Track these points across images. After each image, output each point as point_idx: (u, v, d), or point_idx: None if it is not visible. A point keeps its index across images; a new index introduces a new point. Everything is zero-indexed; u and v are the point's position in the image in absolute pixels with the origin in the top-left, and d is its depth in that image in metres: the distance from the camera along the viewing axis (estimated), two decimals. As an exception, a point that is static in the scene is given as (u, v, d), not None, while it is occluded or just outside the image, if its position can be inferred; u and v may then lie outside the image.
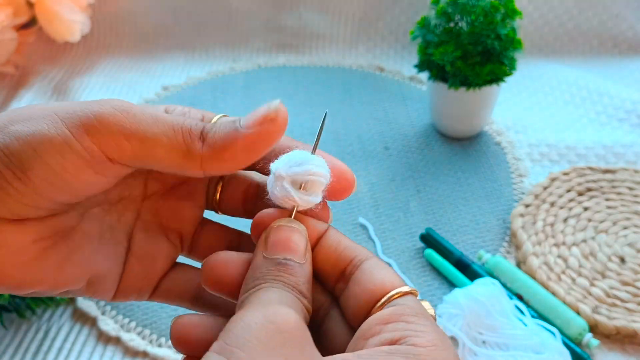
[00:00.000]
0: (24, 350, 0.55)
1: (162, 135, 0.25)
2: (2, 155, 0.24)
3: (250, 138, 0.26)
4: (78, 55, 0.99)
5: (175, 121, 0.26)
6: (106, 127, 0.25)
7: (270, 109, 0.26)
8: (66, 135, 0.24)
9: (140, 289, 0.30)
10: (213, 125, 0.26)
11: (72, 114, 0.25)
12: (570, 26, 0.97)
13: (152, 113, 0.26)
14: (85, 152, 0.24)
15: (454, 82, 0.70)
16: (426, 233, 0.64)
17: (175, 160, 0.26)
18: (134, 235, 0.30)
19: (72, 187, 0.25)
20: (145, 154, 0.25)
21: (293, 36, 1.02)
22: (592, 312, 0.56)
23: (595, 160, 0.75)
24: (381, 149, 0.78)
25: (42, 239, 0.26)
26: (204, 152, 0.26)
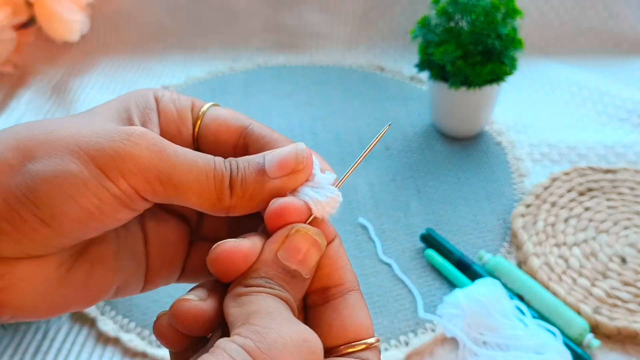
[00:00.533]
0: (23, 350, 0.55)
1: (195, 183, 0.25)
2: (26, 201, 0.23)
3: (279, 186, 0.26)
4: (77, 55, 0.99)
5: (208, 165, 0.26)
6: (142, 171, 0.24)
7: (299, 157, 0.27)
8: (101, 178, 0.23)
9: (167, 276, 0.30)
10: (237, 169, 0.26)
11: (101, 150, 0.24)
12: (571, 26, 0.97)
13: (185, 154, 0.25)
14: (123, 194, 0.24)
15: (455, 81, 0.70)
16: (426, 233, 0.64)
17: (204, 206, 0.26)
18: (147, 225, 0.30)
19: (105, 226, 0.25)
20: (177, 197, 0.25)
21: (293, 36, 1.01)
22: (593, 312, 0.56)
23: (596, 160, 0.75)
24: (381, 149, 0.77)
25: (64, 262, 0.25)
26: (233, 201, 0.26)
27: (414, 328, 0.57)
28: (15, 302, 0.24)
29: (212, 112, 0.30)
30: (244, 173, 0.26)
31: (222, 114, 0.30)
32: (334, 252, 0.27)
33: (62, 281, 0.25)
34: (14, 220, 0.22)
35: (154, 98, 0.29)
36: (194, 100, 0.30)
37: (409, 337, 0.56)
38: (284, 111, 0.86)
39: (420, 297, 0.59)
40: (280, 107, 0.87)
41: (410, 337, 0.56)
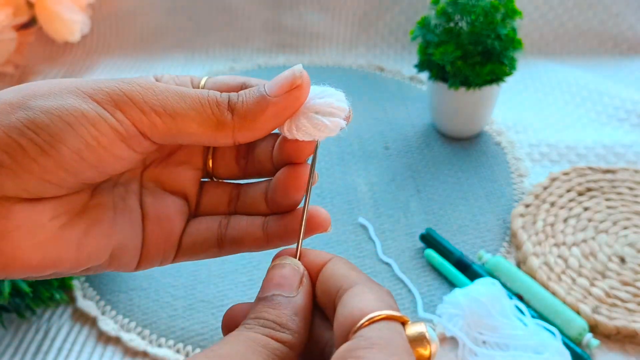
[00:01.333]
0: (24, 350, 0.55)
1: (191, 110, 0.26)
2: (26, 130, 0.23)
3: (279, 105, 0.27)
4: (78, 55, 0.99)
5: (200, 94, 0.26)
6: (137, 103, 0.25)
7: (296, 75, 0.27)
8: (99, 109, 0.24)
9: (163, 252, 0.30)
10: (238, 95, 0.27)
11: (98, 89, 0.25)
12: (571, 26, 0.97)
13: (175, 89, 0.26)
14: (121, 125, 0.24)
15: (454, 82, 0.70)
16: (426, 233, 0.64)
17: (207, 133, 0.26)
18: (144, 200, 0.30)
19: (102, 162, 0.25)
20: (177, 128, 0.26)
21: (293, 36, 1.02)
22: (592, 312, 0.56)
23: (595, 160, 0.75)
24: (381, 149, 0.78)
25: (58, 216, 0.25)
26: (235, 122, 0.26)
27: (413, 328, 0.57)
28: (10, 250, 0.24)
29: (211, 79, 0.32)
30: (244, 97, 0.27)
31: (221, 78, 0.32)
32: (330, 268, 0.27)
33: (55, 237, 0.25)
34: (13, 151, 0.23)
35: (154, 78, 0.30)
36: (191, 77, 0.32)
37: (408, 336, 0.56)
38: (284, 111, 0.86)
39: (420, 297, 0.59)
40: (281, 107, 0.87)
41: (410, 336, 0.56)
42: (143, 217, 0.30)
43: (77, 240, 0.26)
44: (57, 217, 0.25)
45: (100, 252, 0.27)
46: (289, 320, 0.25)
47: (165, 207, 0.30)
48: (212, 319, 0.57)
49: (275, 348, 0.23)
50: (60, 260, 0.26)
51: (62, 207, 0.26)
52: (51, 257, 0.25)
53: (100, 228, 0.27)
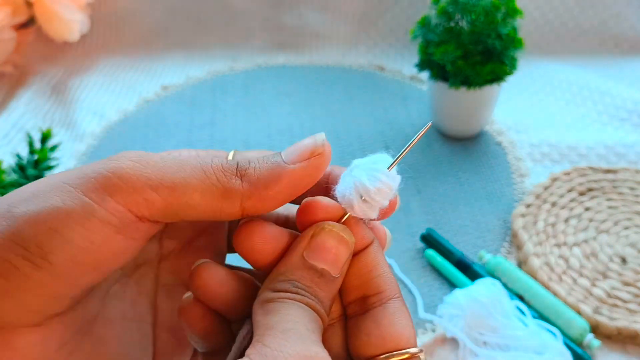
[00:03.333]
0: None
1: (193, 179, 0.23)
2: (14, 246, 0.21)
3: (297, 174, 0.24)
4: (77, 55, 0.99)
5: (203, 162, 0.24)
6: (128, 182, 0.22)
7: (317, 143, 0.25)
8: (84, 203, 0.21)
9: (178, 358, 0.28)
10: (249, 161, 0.24)
11: (84, 177, 0.22)
12: (571, 25, 0.96)
13: (174, 158, 0.23)
14: (112, 215, 0.22)
15: (455, 81, 0.70)
16: (427, 233, 0.64)
17: (212, 203, 0.23)
18: (158, 305, 0.28)
19: (100, 262, 0.22)
20: (177, 202, 0.22)
21: (293, 35, 1.01)
22: (593, 312, 0.56)
23: (596, 160, 0.75)
24: (381, 148, 0.77)
25: (66, 343, 0.24)
26: (244, 189, 0.23)
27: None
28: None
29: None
30: (257, 163, 0.24)
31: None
32: (371, 259, 0.25)
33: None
34: (5, 271, 0.21)
35: None
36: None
37: (409, 337, 0.56)
38: (284, 111, 0.86)
39: (421, 297, 0.59)
40: (280, 107, 0.87)
41: (411, 337, 0.56)
42: (154, 327, 0.28)
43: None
44: (65, 345, 0.23)
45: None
46: (327, 303, 0.24)
47: None
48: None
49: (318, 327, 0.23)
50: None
51: (69, 330, 0.24)
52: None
53: (106, 349, 0.25)
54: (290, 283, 0.23)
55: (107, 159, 0.23)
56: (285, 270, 0.24)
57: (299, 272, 0.24)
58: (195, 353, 0.28)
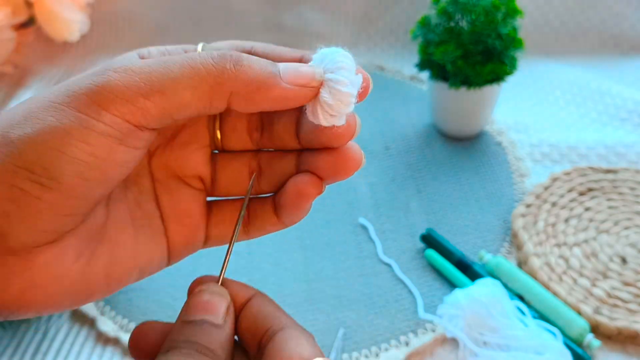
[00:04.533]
0: (23, 351, 0.55)
1: (182, 77, 0.22)
2: (19, 170, 0.21)
3: (288, 94, 0.24)
4: (77, 55, 0.99)
5: (189, 56, 0.23)
6: (119, 94, 0.22)
7: (316, 77, 0.25)
8: (81, 119, 0.21)
9: (192, 247, 0.29)
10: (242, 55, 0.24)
11: (73, 94, 0.22)
12: (572, 25, 0.96)
13: (157, 60, 0.23)
14: (111, 128, 0.22)
15: (455, 81, 0.70)
16: (427, 233, 0.64)
17: (203, 98, 0.23)
18: (160, 199, 0.28)
19: (107, 174, 0.23)
20: (170, 105, 0.22)
21: (293, 35, 1.01)
22: (593, 312, 0.56)
23: (596, 160, 0.75)
24: (381, 148, 0.77)
25: (82, 253, 0.24)
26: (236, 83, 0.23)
27: (414, 328, 0.56)
28: (39, 301, 0.23)
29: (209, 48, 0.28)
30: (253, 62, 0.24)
31: (218, 44, 0.29)
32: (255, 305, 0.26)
33: (83, 274, 0.24)
34: (15, 197, 0.21)
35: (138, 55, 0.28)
36: (185, 47, 0.29)
37: (409, 337, 0.56)
38: (284, 111, 0.86)
39: (421, 298, 0.59)
40: (280, 107, 0.87)
41: (411, 337, 0.56)
42: (163, 220, 0.28)
43: (104, 271, 0.25)
44: (81, 255, 0.24)
45: (130, 274, 0.27)
46: (219, 348, 0.24)
47: (184, 203, 0.29)
48: (212, 320, 0.57)
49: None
50: (91, 293, 0.25)
51: (83, 241, 0.24)
52: (82, 294, 0.25)
53: (124, 251, 0.26)
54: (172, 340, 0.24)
55: (90, 73, 0.23)
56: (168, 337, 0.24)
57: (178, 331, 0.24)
58: (207, 240, 0.30)
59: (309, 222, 0.66)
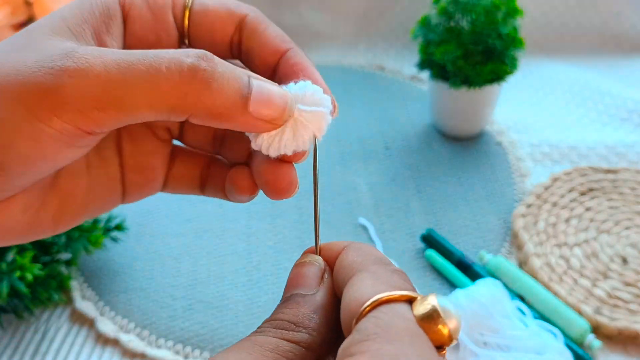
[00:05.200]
0: (22, 351, 0.55)
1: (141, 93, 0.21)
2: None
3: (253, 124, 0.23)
4: (77, 55, 0.99)
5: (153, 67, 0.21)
6: (72, 103, 0.21)
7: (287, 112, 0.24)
8: (31, 119, 0.21)
9: (147, 192, 0.29)
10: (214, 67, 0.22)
11: (23, 87, 0.21)
12: (572, 25, 0.96)
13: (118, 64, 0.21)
14: (61, 134, 0.21)
15: (455, 81, 0.70)
16: (427, 234, 0.63)
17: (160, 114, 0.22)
18: (123, 147, 0.28)
19: (54, 166, 0.23)
20: (125, 116, 0.21)
21: (293, 35, 1.00)
22: (594, 313, 0.56)
23: (597, 160, 0.75)
24: (382, 148, 0.77)
25: (30, 205, 0.24)
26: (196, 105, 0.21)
27: (414, 329, 0.56)
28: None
29: (200, 6, 0.26)
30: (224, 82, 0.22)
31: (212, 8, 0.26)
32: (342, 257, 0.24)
33: (31, 223, 0.24)
34: None
35: (119, 3, 0.26)
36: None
37: (409, 337, 0.56)
38: (284, 111, 0.86)
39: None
40: (280, 106, 0.87)
41: (411, 337, 0.56)
42: (122, 167, 0.28)
43: (53, 219, 0.25)
44: (29, 207, 0.24)
45: (79, 218, 0.27)
46: (306, 318, 0.22)
47: (146, 154, 0.28)
48: (212, 320, 0.57)
49: (287, 350, 0.21)
50: (38, 236, 0.25)
51: (32, 194, 0.24)
52: (29, 236, 0.25)
53: (74, 201, 0.26)
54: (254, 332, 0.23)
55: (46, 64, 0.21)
56: None
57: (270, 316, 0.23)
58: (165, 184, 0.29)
59: (309, 222, 0.66)
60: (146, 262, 0.62)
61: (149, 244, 0.64)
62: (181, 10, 0.26)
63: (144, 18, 0.26)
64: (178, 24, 0.27)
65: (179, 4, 0.26)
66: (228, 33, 0.27)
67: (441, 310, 0.20)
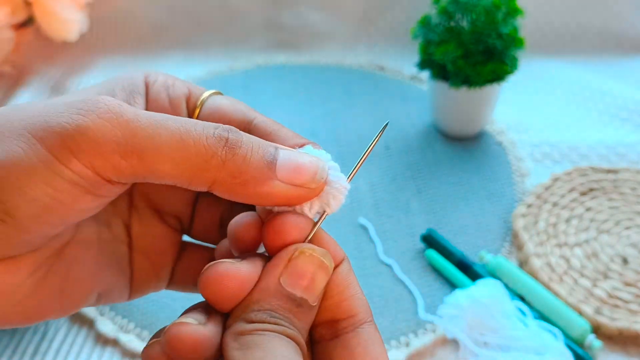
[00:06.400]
0: (22, 351, 0.55)
1: (167, 147, 0.20)
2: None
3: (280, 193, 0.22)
4: (76, 54, 0.99)
5: (184, 127, 0.21)
6: (94, 145, 0.20)
7: (318, 175, 0.23)
8: (48, 160, 0.20)
9: (155, 283, 0.28)
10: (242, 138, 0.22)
11: (48, 129, 0.20)
12: (572, 25, 0.96)
13: (151, 117, 0.21)
14: (78, 177, 0.20)
15: (455, 81, 0.70)
16: (427, 234, 0.63)
17: (183, 175, 0.21)
18: (132, 228, 0.27)
19: (68, 217, 0.21)
20: (147, 170, 0.21)
21: (293, 35, 1.01)
22: (594, 313, 0.56)
23: (597, 160, 0.75)
24: (382, 148, 0.77)
25: (37, 269, 0.23)
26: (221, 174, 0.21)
27: (414, 329, 0.56)
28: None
29: (212, 104, 0.27)
30: (249, 150, 0.22)
31: (223, 106, 0.27)
32: (342, 278, 0.23)
33: (36, 289, 0.23)
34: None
35: (145, 83, 0.26)
36: (191, 87, 0.27)
37: (409, 338, 0.56)
38: (284, 111, 0.86)
39: (421, 298, 0.59)
40: (280, 106, 0.87)
41: (411, 338, 0.56)
42: (130, 249, 0.27)
43: (59, 288, 0.24)
44: (36, 271, 0.23)
45: (86, 296, 0.25)
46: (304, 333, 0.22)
47: (156, 237, 0.28)
48: (212, 320, 0.57)
49: None
50: (43, 312, 0.24)
51: (40, 257, 0.23)
52: (33, 311, 0.23)
53: (81, 271, 0.25)
54: (267, 313, 0.21)
55: (76, 106, 0.20)
56: (259, 298, 0.21)
57: (275, 301, 0.21)
58: (171, 279, 0.28)
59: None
60: (146, 262, 0.62)
61: (149, 244, 0.64)
62: (194, 103, 0.27)
63: (161, 102, 0.26)
64: (190, 114, 0.27)
65: (194, 97, 0.27)
66: None
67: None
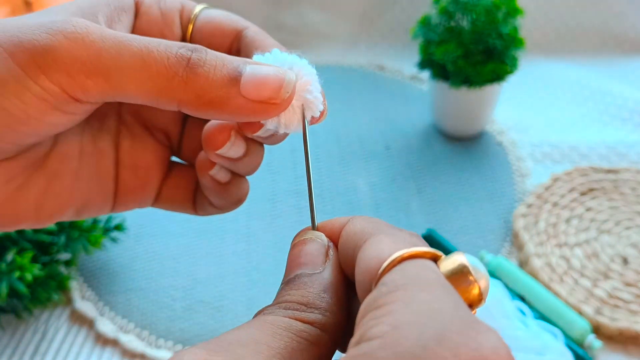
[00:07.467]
0: (22, 352, 0.55)
1: (130, 69, 0.21)
2: None
3: (245, 109, 0.22)
4: (77, 54, 0.99)
5: (147, 48, 0.21)
6: (62, 64, 0.21)
7: (284, 89, 0.22)
8: (19, 75, 0.21)
9: (141, 198, 0.28)
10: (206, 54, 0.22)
11: (19, 44, 0.21)
12: (573, 25, 0.96)
13: (115, 38, 0.21)
14: (47, 93, 0.21)
15: (456, 81, 0.70)
16: (427, 234, 0.63)
17: (148, 95, 0.22)
18: (121, 144, 0.27)
19: (39, 130, 0.22)
20: (112, 90, 0.21)
21: (293, 34, 1.01)
22: (594, 313, 0.56)
23: (597, 160, 0.75)
24: (382, 148, 0.77)
25: (14, 177, 0.24)
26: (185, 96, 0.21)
27: (414, 329, 0.56)
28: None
29: (205, 16, 0.27)
30: (212, 67, 0.22)
31: (217, 17, 0.27)
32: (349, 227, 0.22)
33: (11, 199, 0.24)
34: None
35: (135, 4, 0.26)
36: (183, 2, 0.27)
37: (409, 338, 0.55)
38: (284, 111, 0.86)
39: (421, 298, 0.58)
40: (280, 106, 0.87)
41: (411, 338, 0.55)
42: (117, 164, 0.27)
43: (35, 200, 0.25)
44: (12, 179, 0.24)
45: (62, 210, 0.26)
46: (317, 298, 0.21)
47: (144, 155, 0.28)
48: (211, 320, 0.57)
49: (301, 330, 0.19)
50: (17, 220, 0.24)
51: (17, 166, 0.24)
52: (7, 220, 0.24)
53: (60, 184, 0.25)
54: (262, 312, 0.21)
55: (47, 25, 0.21)
56: None
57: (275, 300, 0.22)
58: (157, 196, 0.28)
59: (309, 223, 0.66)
60: (146, 263, 0.62)
61: (149, 244, 0.64)
62: (188, 15, 0.27)
63: (153, 15, 0.27)
64: (183, 27, 0.27)
65: (187, 10, 0.27)
66: (227, 40, 0.27)
67: (471, 267, 0.19)
